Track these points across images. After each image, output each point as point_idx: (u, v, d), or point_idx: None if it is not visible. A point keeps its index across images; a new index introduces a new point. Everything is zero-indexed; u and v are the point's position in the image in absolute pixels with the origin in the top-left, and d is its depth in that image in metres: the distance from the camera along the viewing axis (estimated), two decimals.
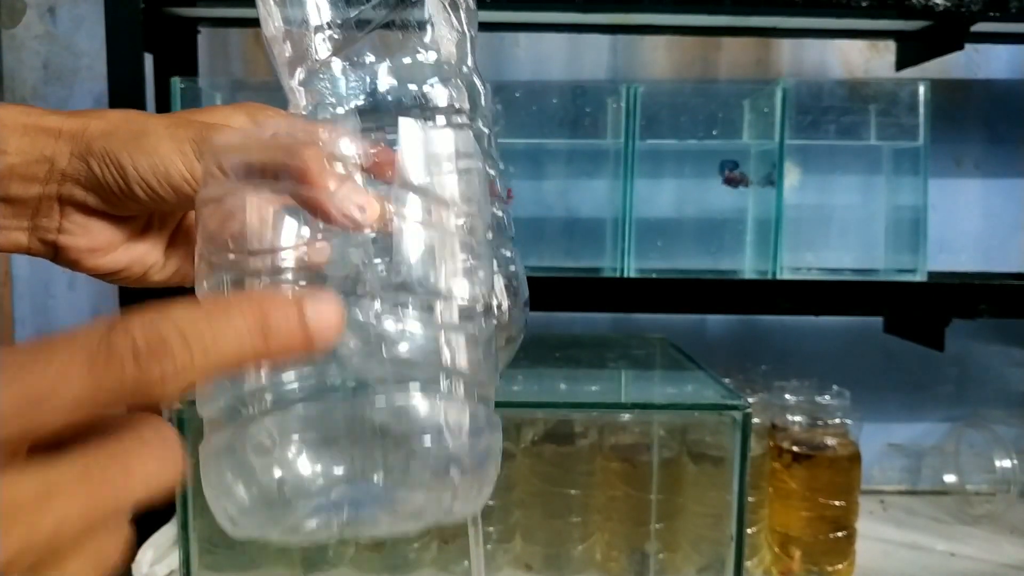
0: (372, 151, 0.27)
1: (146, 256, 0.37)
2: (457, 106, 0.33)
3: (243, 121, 0.36)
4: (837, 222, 0.97)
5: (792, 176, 0.91)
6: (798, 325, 1.14)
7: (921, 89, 0.91)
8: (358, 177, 0.27)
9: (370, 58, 0.31)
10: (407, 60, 0.32)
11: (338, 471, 0.25)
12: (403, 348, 0.26)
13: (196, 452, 0.28)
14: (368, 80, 0.31)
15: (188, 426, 0.71)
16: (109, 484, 0.18)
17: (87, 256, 0.35)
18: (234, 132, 0.31)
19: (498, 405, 0.29)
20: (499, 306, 0.31)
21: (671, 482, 0.83)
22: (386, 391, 0.25)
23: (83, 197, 0.34)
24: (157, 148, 0.33)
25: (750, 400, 0.76)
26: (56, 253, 0.35)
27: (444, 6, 0.32)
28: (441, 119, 0.32)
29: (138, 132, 0.33)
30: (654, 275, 0.92)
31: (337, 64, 0.31)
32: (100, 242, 0.35)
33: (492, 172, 0.34)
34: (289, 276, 0.26)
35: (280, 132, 0.26)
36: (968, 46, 0.93)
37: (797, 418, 0.88)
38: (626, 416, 0.85)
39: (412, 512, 0.26)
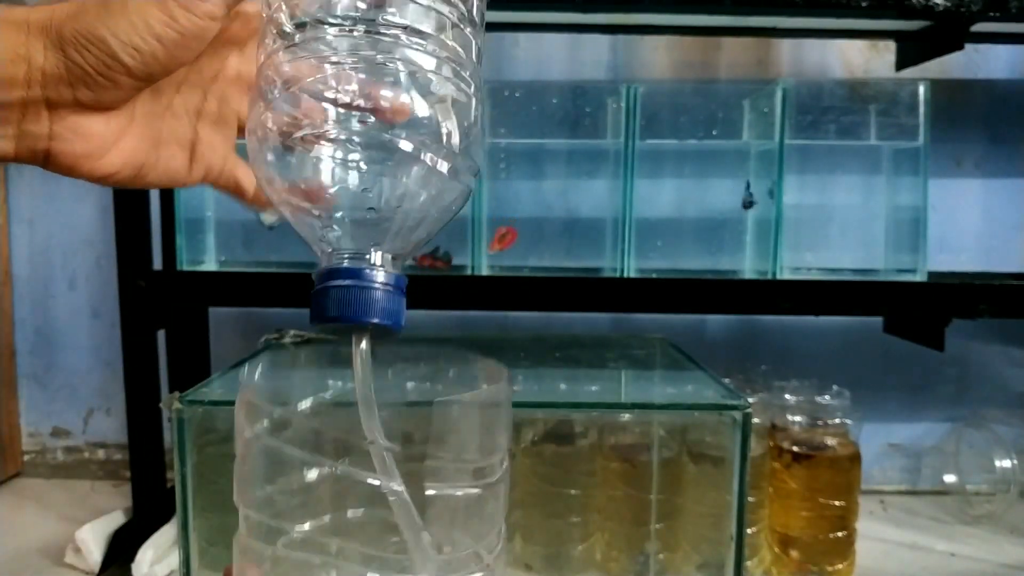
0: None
1: (135, 155, 0.36)
2: None
3: None
4: (837, 222, 0.97)
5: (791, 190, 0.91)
6: (798, 325, 1.14)
7: (921, 89, 0.91)
8: None
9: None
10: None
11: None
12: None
13: (196, 452, 0.29)
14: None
15: (188, 426, 0.71)
16: None
17: (83, 161, 0.34)
18: None
19: None
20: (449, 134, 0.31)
21: (671, 482, 0.83)
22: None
23: (71, 94, 0.32)
24: (128, 3, 0.31)
25: (750, 400, 0.76)
26: (47, 160, 0.34)
27: None
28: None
29: (102, 2, 0.32)
30: (654, 275, 0.92)
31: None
32: (94, 144, 0.34)
33: (477, 42, 0.33)
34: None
35: None
36: (968, 46, 0.93)
37: (797, 418, 0.88)
38: (626, 416, 0.85)
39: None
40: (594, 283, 0.91)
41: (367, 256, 0.30)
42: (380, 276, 0.30)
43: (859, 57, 1.12)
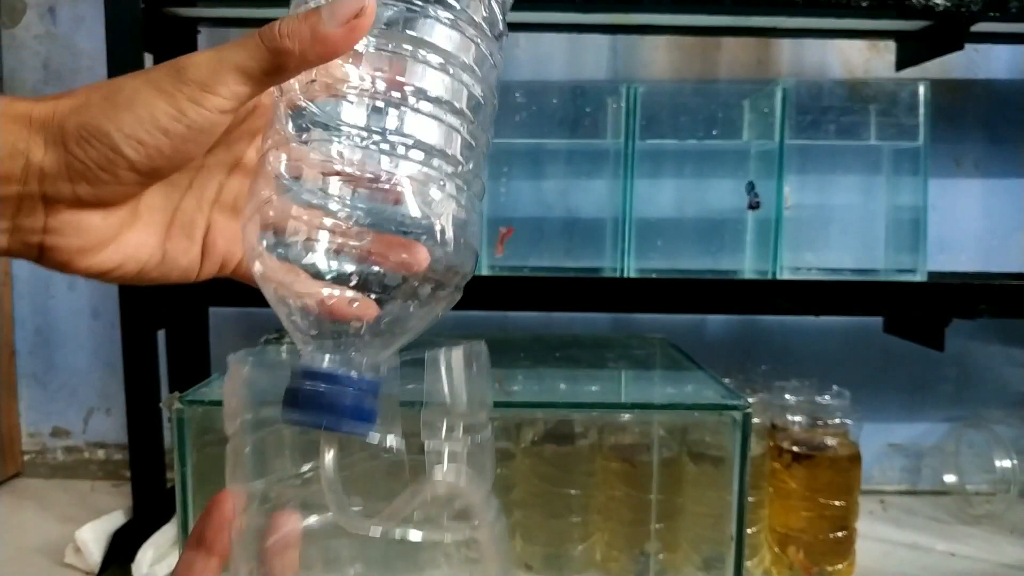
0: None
1: (139, 250, 0.35)
2: (475, 18, 0.33)
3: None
4: (837, 222, 0.97)
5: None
6: (798, 325, 1.14)
7: (921, 89, 0.91)
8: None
9: None
10: None
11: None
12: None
13: (196, 452, 0.29)
14: None
15: (188, 426, 0.71)
16: None
17: (77, 257, 0.33)
18: None
19: (498, 405, 0.30)
20: (442, 231, 0.31)
21: (671, 482, 0.83)
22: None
23: (70, 189, 0.31)
24: (135, 98, 0.31)
25: (750, 400, 0.76)
26: (41, 255, 0.33)
27: None
28: (445, 14, 0.32)
29: (110, 93, 0.31)
30: (654, 275, 0.92)
31: None
32: (91, 240, 0.33)
33: (482, 99, 0.34)
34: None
35: None
36: (968, 46, 0.93)
37: (797, 418, 0.88)
38: (626, 416, 0.85)
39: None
40: (594, 283, 0.91)
41: (345, 357, 0.30)
42: (355, 381, 0.30)
43: (859, 57, 1.12)
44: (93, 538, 0.89)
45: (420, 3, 0.31)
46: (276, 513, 0.33)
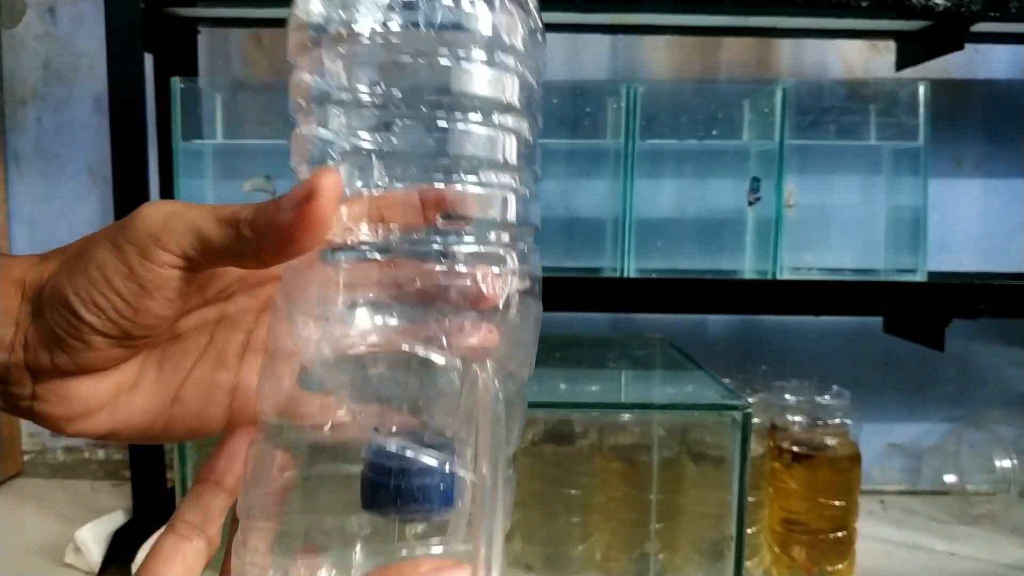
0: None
1: (137, 417, 0.32)
2: (507, 41, 0.28)
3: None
4: (837, 222, 0.97)
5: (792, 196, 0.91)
6: (798, 325, 1.14)
7: (921, 89, 0.91)
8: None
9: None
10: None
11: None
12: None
13: (196, 452, 0.29)
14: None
15: None
16: None
17: (65, 424, 0.31)
18: None
19: None
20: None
21: (671, 482, 0.83)
22: None
23: (49, 359, 0.29)
24: (92, 256, 0.28)
25: (750, 400, 0.76)
26: (33, 419, 0.31)
27: None
28: (480, 52, 0.27)
29: (78, 253, 0.29)
30: (654, 275, 0.92)
31: None
32: (76, 408, 0.31)
33: (530, 137, 0.30)
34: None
35: None
36: (968, 46, 0.93)
37: (797, 418, 0.88)
38: (626, 416, 0.85)
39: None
40: (594, 283, 0.91)
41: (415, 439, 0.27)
42: (429, 461, 0.27)
43: (859, 57, 1.12)
44: (93, 538, 0.89)
45: (447, 50, 0.27)
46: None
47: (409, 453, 0.27)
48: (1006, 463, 1.05)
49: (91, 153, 1.12)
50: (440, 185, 0.27)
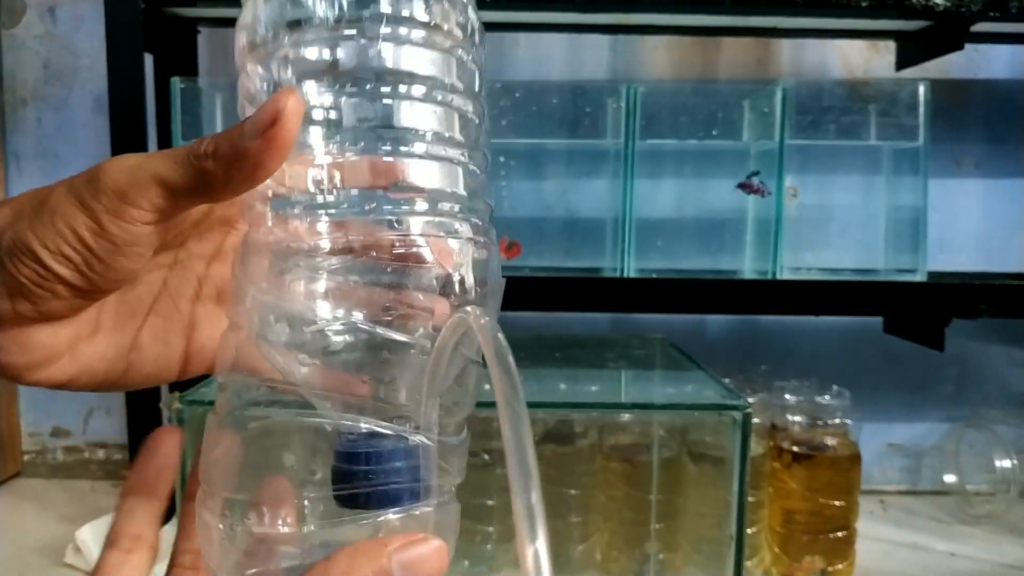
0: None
1: (96, 363, 0.32)
2: (445, 27, 0.29)
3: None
4: (837, 222, 0.97)
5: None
6: (798, 325, 1.14)
7: (921, 89, 0.91)
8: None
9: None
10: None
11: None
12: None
13: (196, 452, 0.29)
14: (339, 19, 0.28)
15: (188, 426, 0.71)
16: None
17: (25, 372, 0.31)
18: None
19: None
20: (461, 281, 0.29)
21: (671, 482, 0.83)
22: None
23: (10, 307, 0.29)
24: (56, 209, 0.28)
25: (750, 400, 0.76)
26: None
27: None
28: (419, 33, 0.28)
29: (37, 203, 0.28)
30: (654, 275, 0.92)
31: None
32: (37, 356, 0.30)
33: (475, 117, 0.30)
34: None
35: None
36: (968, 46, 0.93)
37: (797, 418, 0.88)
38: (626, 416, 0.85)
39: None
40: (594, 283, 0.91)
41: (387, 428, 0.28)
42: (400, 456, 0.27)
43: (859, 57, 1.12)
44: (93, 538, 0.89)
45: (387, 27, 0.28)
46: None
47: (378, 440, 0.27)
48: (1006, 463, 1.05)
49: (91, 153, 1.12)
50: (389, 158, 0.28)
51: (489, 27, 0.33)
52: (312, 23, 0.28)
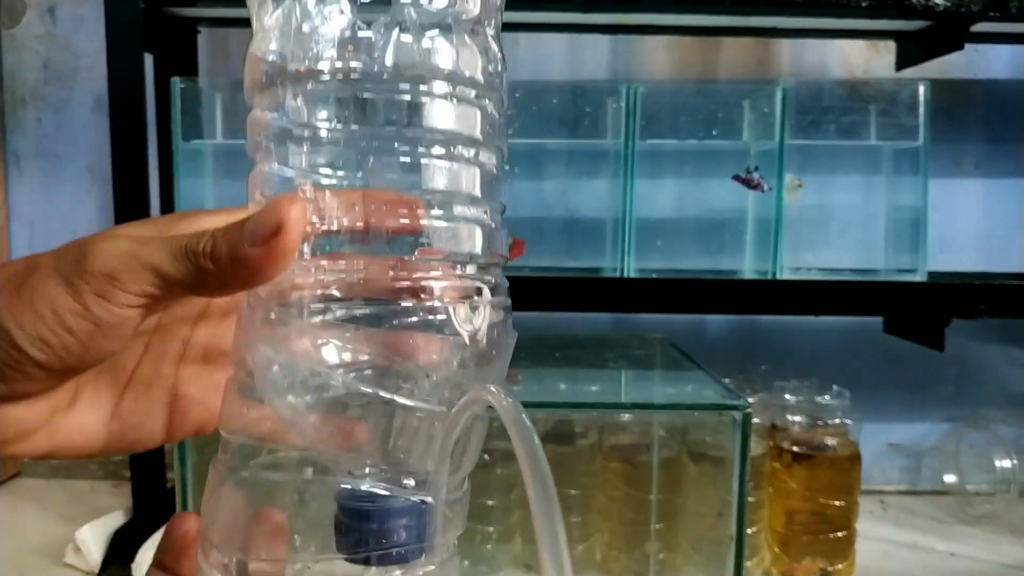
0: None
1: (75, 435, 0.31)
2: (467, 74, 0.28)
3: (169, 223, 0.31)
4: (837, 222, 0.97)
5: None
6: (798, 325, 1.14)
7: (921, 89, 0.91)
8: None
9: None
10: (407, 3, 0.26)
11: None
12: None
13: (196, 452, 0.29)
14: (352, 20, 0.26)
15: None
16: None
17: (2, 447, 0.30)
18: None
19: None
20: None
21: (671, 482, 0.83)
22: None
23: None
24: (38, 290, 0.27)
25: (750, 400, 0.76)
26: None
27: None
28: (442, 86, 0.27)
29: (18, 283, 0.27)
30: (654, 275, 0.92)
31: (324, 4, 0.26)
32: (10, 433, 0.29)
33: (495, 170, 0.29)
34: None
35: None
36: (968, 46, 0.93)
37: (797, 418, 0.88)
38: (626, 416, 0.85)
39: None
40: (594, 283, 0.91)
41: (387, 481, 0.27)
42: (401, 511, 0.27)
43: (859, 57, 1.12)
44: (93, 538, 0.89)
45: (407, 85, 0.26)
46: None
47: (384, 499, 0.27)
48: (1006, 463, 1.05)
49: (91, 153, 1.12)
50: (406, 221, 0.27)
51: None
52: (324, 68, 0.26)
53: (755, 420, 0.82)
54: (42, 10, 1.10)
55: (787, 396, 0.89)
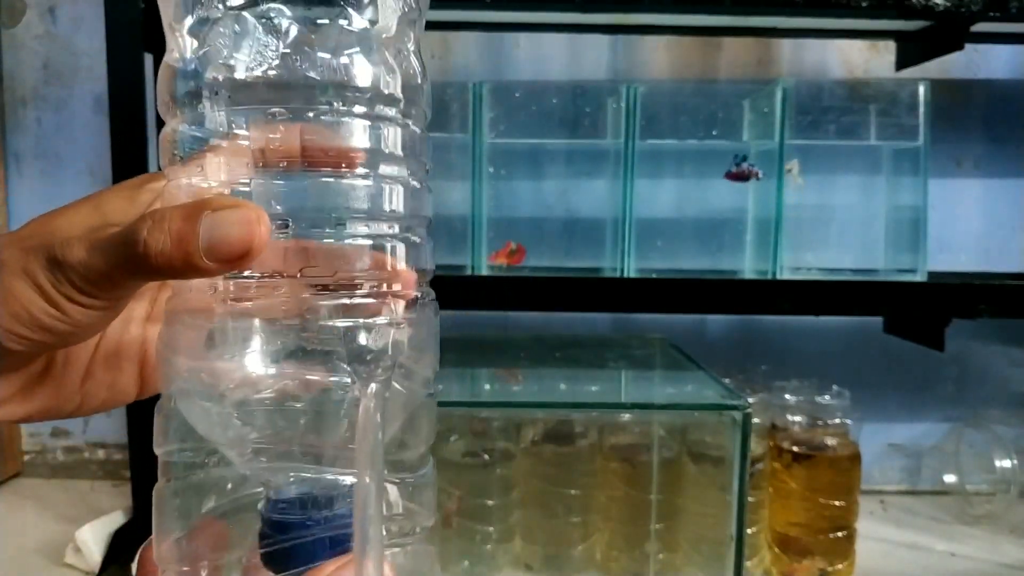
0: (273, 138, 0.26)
1: (48, 401, 0.32)
2: (387, 92, 0.28)
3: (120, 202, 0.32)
4: (837, 222, 0.97)
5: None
6: (798, 325, 1.14)
7: (921, 89, 0.91)
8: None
9: (286, 15, 0.26)
10: (326, 22, 0.26)
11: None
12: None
13: None
14: (277, 43, 0.26)
15: None
16: None
17: None
18: None
19: (498, 405, 0.29)
20: None
21: (671, 482, 0.83)
22: None
23: None
24: (11, 290, 0.27)
25: (750, 400, 0.76)
26: None
27: None
28: (361, 106, 0.27)
29: None
30: (654, 275, 0.92)
31: (246, 18, 0.26)
32: None
33: (418, 184, 0.29)
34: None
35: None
36: (968, 46, 0.93)
37: (797, 418, 0.88)
38: (626, 416, 0.85)
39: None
40: (594, 283, 0.91)
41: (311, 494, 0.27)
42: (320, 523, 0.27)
43: (859, 57, 1.12)
44: (93, 538, 0.89)
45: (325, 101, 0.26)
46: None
47: (305, 510, 0.27)
48: (1006, 463, 1.05)
49: (91, 153, 1.12)
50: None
51: (489, 27, 0.33)
52: (240, 74, 0.26)
53: (755, 420, 0.82)
54: (42, 10, 1.10)
55: (787, 396, 0.89)
